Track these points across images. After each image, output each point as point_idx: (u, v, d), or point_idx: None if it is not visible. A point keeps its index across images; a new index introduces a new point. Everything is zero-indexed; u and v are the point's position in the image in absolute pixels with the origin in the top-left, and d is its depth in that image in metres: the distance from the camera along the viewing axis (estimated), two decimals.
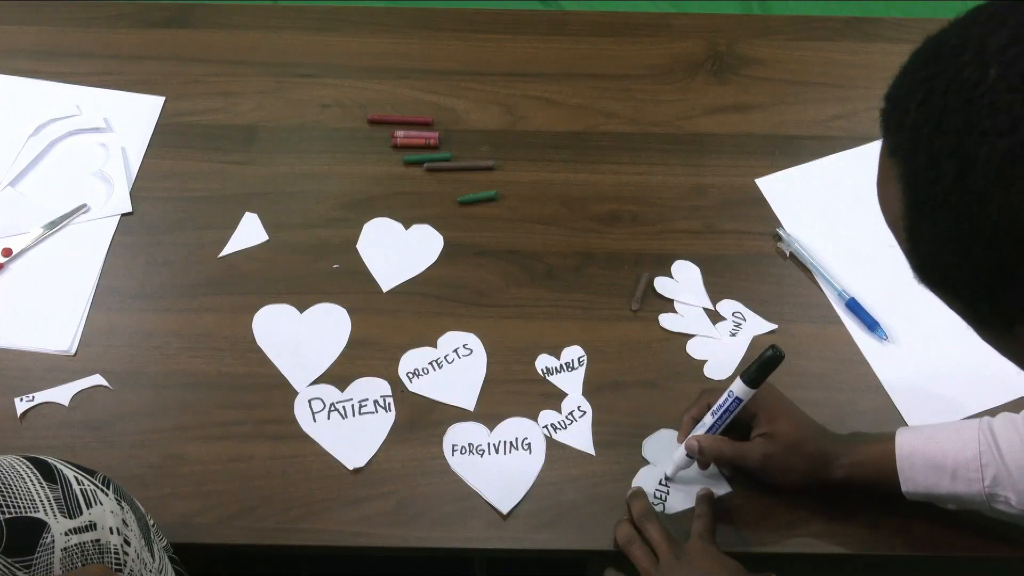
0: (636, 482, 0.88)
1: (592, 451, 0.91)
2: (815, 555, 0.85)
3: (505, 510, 0.87)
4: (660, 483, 0.88)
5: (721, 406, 0.84)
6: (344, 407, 0.93)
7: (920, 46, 0.52)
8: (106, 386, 0.94)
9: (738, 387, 0.82)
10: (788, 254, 1.05)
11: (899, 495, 0.82)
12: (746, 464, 0.86)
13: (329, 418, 0.92)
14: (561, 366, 0.96)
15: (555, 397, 0.94)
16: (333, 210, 1.08)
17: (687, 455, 0.86)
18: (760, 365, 0.81)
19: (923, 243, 0.52)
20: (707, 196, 1.10)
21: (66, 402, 0.92)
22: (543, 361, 0.96)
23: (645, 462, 0.90)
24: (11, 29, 1.24)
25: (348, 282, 1.02)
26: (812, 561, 0.87)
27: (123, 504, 0.70)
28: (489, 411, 0.93)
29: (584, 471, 0.89)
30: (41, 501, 0.62)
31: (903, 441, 0.82)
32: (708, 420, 0.85)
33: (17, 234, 1.04)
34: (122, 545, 0.67)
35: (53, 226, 1.05)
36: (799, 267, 1.04)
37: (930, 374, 0.96)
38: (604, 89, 1.20)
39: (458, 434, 0.91)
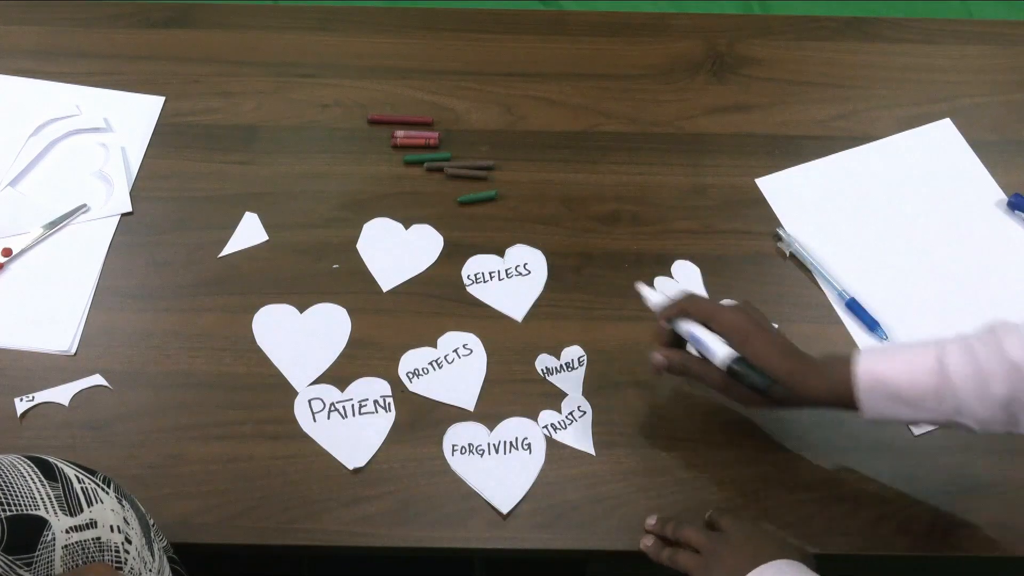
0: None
1: (592, 451, 0.91)
2: (815, 555, 0.85)
3: (505, 510, 0.87)
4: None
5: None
6: (344, 407, 0.93)
7: None
8: (106, 386, 0.94)
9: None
10: (788, 254, 1.05)
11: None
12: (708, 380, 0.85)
13: (329, 418, 0.92)
14: (561, 366, 0.96)
15: (555, 397, 0.94)
16: (333, 210, 1.08)
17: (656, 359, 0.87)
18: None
19: None
20: (707, 196, 1.10)
21: (66, 402, 0.92)
22: (543, 361, 0.96)
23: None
24: (11, 29, 1.24)
25: (348, 282, 1.02)
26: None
27: (124, 503, 0.70)
28: (489, 411, 0.93)
29: (584, 471, 0.89)
30: (42, 499, 0.62)
31: (863, 372, 0.78)
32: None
33: (17, 234, 1.04)
34: (123, 543, 0.67)
35: (53, 226, 1.05)
36: (799, 267, 1.04)
37: None
38: (604, 89, 1.20)
39: (458, 434, 0.91)
